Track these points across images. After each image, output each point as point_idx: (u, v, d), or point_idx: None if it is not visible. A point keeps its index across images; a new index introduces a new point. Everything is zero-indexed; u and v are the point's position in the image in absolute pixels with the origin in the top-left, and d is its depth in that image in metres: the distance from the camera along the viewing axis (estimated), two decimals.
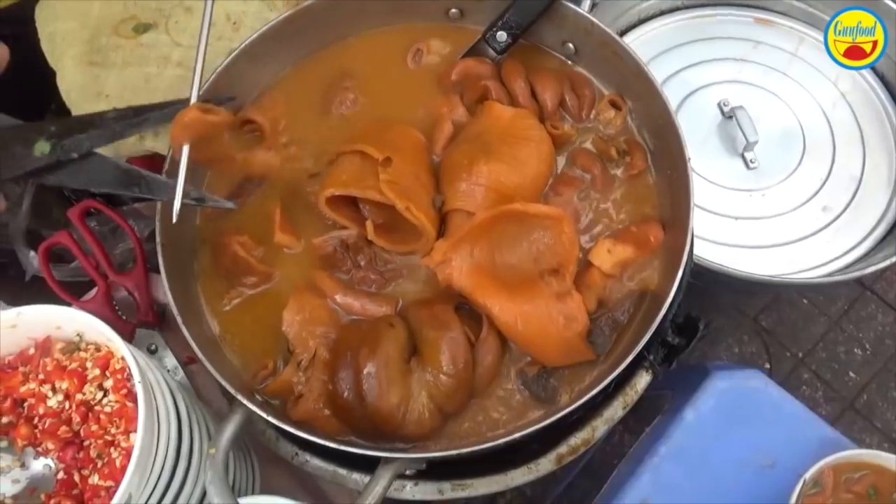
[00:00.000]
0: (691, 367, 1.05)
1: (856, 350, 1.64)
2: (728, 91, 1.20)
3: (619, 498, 0.89)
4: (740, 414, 0.92)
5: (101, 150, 0.67)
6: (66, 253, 0.95)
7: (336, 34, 0.78)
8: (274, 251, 0.71)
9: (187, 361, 0.88)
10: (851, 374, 1.62)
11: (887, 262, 0.99)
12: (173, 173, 0.66)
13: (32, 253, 1.05)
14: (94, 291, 0.89)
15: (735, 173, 1.15)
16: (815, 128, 1.18)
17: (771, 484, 0.87)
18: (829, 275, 1.06)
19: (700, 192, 1.14)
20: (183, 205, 0.64)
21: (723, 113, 1.18)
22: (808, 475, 0.81)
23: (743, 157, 1.14)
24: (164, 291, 0.64)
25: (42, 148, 0.62)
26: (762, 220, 1.12)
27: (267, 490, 0.80)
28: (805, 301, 1.67)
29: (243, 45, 0.72)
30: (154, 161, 0.88)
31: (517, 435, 0.58)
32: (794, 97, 1.21)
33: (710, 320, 0.72)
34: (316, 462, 0.69)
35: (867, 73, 1.22)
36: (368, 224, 0.66)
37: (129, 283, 0.89)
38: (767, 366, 1.60)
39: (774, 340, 1.64)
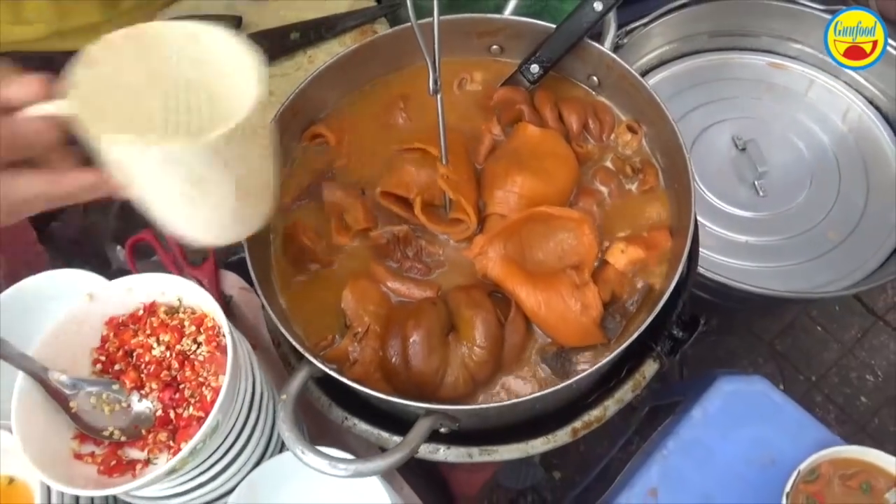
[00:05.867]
0: (702, 376, 1.14)
1: (868, 376, 1.68)
2: (742, 126, 1.31)
3: (630, 486, 0.96)
4: (745, 414, 0.99)
5: None
6: (146, 248, 1.08)
7: (394, 65, 0.91)
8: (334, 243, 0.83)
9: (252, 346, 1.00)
10: (863, 398, 1.66)
11: (884, 280, 1.08)
12: None
13: (119, 248, 1.19)
14: None
15: (746, 200, 1.25)
16: (821, 161, 1.28)
17: (772, 479, 0.93)
18: (830, 291, 1.15)
19: (714, 215, 1.24)
20: None
21: (736, 146, 1.28)
22: (802, 466, 0.88)
23: (754, 185, 1.25)
24: (250, 274, 0.73)
25: (294, 35, 0.99)
26: (770, 243, 1.22)
27: None
28: (819, 328, 1.73)
29: (316, 71, 0.84)
30: None
31: (537, 394, 0.68)
32: (803, 134, 1.31)
33: (710, 318, 0.81)
34: (363, 426, 0.78)
35: (872, 113, 1.32)
36: (417, 200, 0.77)
37: (201, 275, 1.01)
38: (781, 387, 1.65)
39: (788, 364, 1.69)
